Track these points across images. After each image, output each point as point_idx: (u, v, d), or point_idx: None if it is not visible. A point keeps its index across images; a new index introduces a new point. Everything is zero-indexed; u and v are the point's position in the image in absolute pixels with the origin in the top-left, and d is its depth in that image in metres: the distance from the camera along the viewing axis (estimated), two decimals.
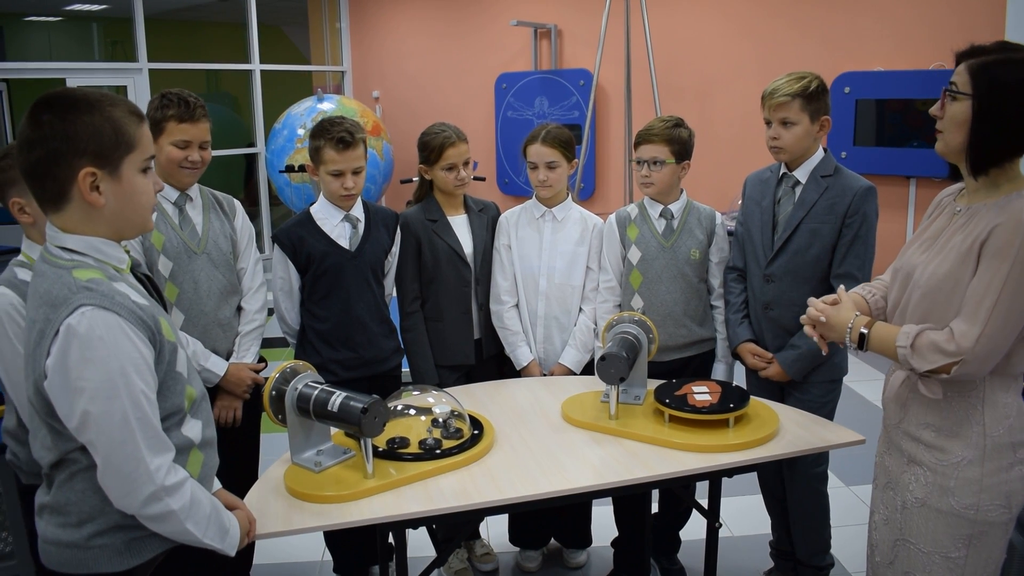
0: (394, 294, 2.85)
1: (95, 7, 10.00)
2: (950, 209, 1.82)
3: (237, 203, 2.64)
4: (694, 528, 2.94)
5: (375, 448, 2.02)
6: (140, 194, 1.52)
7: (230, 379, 2.50)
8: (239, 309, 2.59)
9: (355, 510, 1.86)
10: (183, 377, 1.57)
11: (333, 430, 2.15)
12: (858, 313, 1.87)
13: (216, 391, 2.48)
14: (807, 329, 1.94)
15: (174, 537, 1.54)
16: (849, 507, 3.34)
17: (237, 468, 2.53)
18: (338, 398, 1.94)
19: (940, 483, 1.76)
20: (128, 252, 1.65)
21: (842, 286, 1.99)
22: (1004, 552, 1.79)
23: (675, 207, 2.70)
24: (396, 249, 2.79)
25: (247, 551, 2.72)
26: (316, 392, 1.99)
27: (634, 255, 2.70)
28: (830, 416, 2.50)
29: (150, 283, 1.68)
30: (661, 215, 2.70)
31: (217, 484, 1.78)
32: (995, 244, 1.64)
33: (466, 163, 2.77)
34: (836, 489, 3.29)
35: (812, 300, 1.94)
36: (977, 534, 1.74)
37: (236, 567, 2.67)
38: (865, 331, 1.81)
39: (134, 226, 1.56)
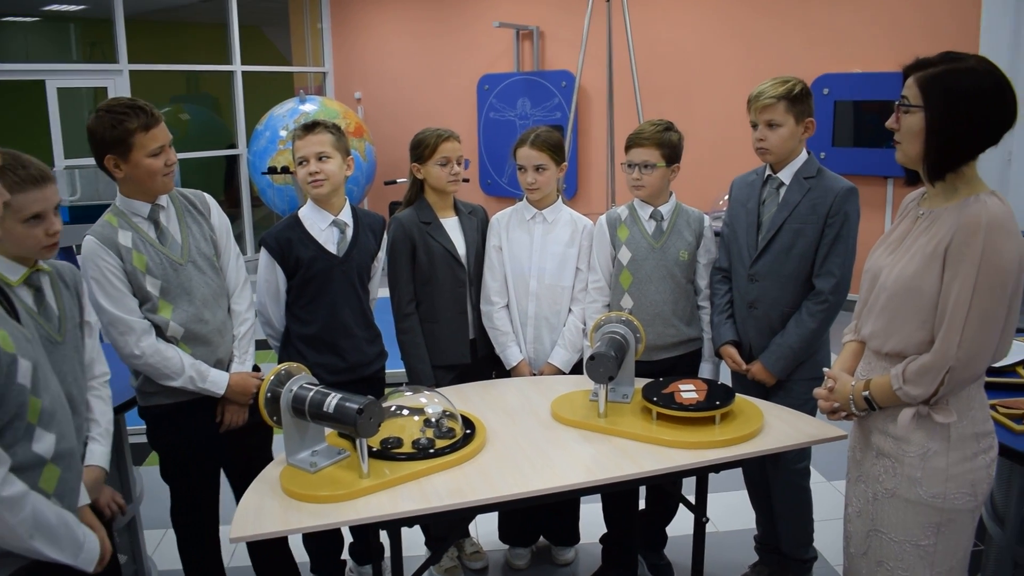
0: (379, 296, 2.87)
1: (73, 7, 9.93)
2: (914, 212, 1.89)
3: (209, 198, 2.55)
4: (680, 524, 2.99)
5: (369, 448, 2.04)
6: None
7: (235, 390, 2.43)
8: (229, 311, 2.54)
9: (351, 510, 1.88)
10: (25, 389, 1.52)
11: (327, 431, 2.18)
12: (853, 382, 1.93)
13: (221, 397, 2.44)
14: (829, 413, 2.01)
15: (19, 552, 1.51)
16: (831, 501, 3.40)
17: (253, 453, 2.52)
18: (334, 399, 1.97)
19: (908, 474, 1.82)
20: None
21: (825, 368, 2.07)
22: (972, 539, 1.87)
23: (665, 209, 2.75)
24: (382, 254, 2.81)
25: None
26: (311, 394, 2.01)
27: (624, 255, 2.74)
28: (812, 413, 2.55)
29: (1, 295, 1.67)
30: (651, 217, 2.74)
31: (85, 500, 1.76)
32: (958, 249, 1.71)
33: (459, 160, 2.80)
34: (818, 484, 3.35)
35: (819, 391, 2.02)
36: (945, 522, 1.81)
37: None
38: (867, 393, 1.88)
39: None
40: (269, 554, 2.66)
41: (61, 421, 1.62)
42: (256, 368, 2.57)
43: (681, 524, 2.96)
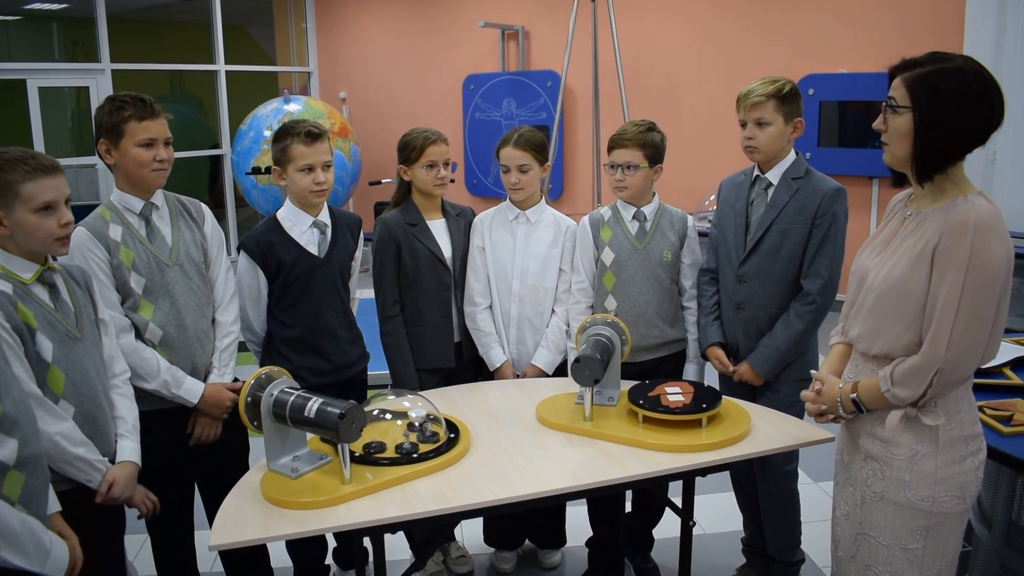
0: (360, 297, 2.83)
1: (55, 6, 9.84)
2: (901, 213, 1.88)
3: (205, 208, 2.55)
4: (667, 527, 2.97)
5: (351, 453, 2.01)
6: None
7: (208, 401, 2.38)
8: (213, 321, 2.50)
9: (333, 516, 1.85)
10: None
11: (309, 435, 2.14)
12: (841, 384, 1.91)
13: (194, 408, 2.39)
14: (817, 416, 2.00)
15: None
16: (818, 503, 3.39)
17: (225, 470, 2.46)
18: (315, 404, 1.93)
19: (897, 477, 1.81)
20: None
21: (812, 370, 2.05)
22: (960, 542, 1.86)
23: (648, 209, 2.73)
24: (359, 254, 2.79)
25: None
26: (292, 398, 1.98)
27: (607, 256, 2.72)
28: (800, 415, 2.54)
29: None
30: (634, 217, 2.73)
31: (55, 507, 1.73)
32: (946, 250, 1.69)
33: (446, 164, 2.77)
34: (805, 486, 3.34)
35: (806, 394, 2.00)
36: (934, 525, 1.80)
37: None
38: (854, 396, 1.86)
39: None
40: (247, 564, 2.62)
41: (24, 427, 1.59)
42: (235, 382, 2.51)
43: (668, 527, 2.95)
